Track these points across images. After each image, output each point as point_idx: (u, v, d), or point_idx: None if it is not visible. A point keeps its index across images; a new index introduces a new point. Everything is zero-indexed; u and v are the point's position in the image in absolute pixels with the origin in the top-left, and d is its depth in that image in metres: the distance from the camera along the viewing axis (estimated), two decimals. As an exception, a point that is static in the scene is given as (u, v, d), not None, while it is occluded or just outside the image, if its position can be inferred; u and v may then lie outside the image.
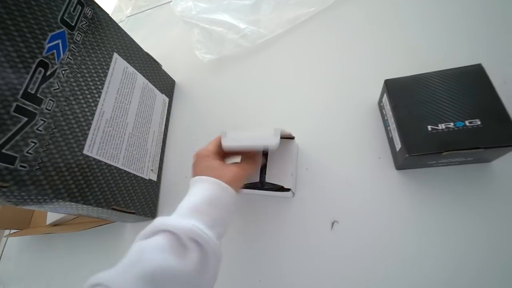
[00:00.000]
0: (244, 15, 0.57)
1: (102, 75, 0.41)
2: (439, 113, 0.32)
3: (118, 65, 0.44)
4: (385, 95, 0.37)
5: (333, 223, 0.37)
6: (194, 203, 0.29)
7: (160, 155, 0.52)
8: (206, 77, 0.58)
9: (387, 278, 0.32)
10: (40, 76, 0.32)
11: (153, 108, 0.51)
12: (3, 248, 0.59)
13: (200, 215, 0.28)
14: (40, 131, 0.31)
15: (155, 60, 0.55)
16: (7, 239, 0.59)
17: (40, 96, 0.32)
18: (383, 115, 0.40)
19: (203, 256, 0.26)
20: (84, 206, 0.36)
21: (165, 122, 0.55)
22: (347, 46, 0.49)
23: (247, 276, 0.38)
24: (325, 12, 0.54)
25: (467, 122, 0.30)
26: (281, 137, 0.40)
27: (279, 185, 0.38)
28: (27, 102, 0.30)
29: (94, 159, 0.37)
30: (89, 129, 0.37)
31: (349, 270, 0.34)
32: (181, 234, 0.26)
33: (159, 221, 0.27)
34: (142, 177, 0.46)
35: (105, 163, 0.39)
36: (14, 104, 0.29)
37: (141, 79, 0.49)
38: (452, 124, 0.31)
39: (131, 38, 0.49)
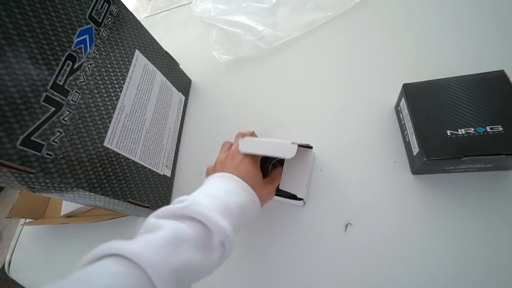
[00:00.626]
0: (262, 17, 0.58)
1: (124, 70, 0.42)
2: (458, 118, 0.32)
3: (139, 61, 0.45)
4: (403, 99, 0.37)
5: (346, 225, 0.37)
6: (231, 205, 0.29)
7: (175, 152, 0.53)
8: (222, 77, 0.59)
9: (400, 281, 0.32)
10: (68, 69, 0.33)
11: (170, 105, 0.52)
12: (18, 236, 0.60)
13: (233, 219, 0.29)
14: (66, 121, 0.32)
15: (173, 59, 0.56)
16: (22, 228, 0.61)
17: (67, 88, 0.33)
18: (400, 119, 0.40)
19: (223, 256, 0.28)
20: (102, 197, 0.37)
21: (181, 119, 0.56)
22: (364, 51, 0.49)
23: (258, 274, 0.38)
24: (343, 16, 0.54)
25: (488, 128, 0.30)
26: (300, 145, 0.40)
27: (292, 193, 0.38)
28: (55, 93, 0.31)
29: (113, 151, 0.38)
30: (110, 122, 0.38)
31: (362, 271, 0.34)
32: (216, 234, 0.26)
33: (199, 209, 0.26)
34: (157, 172, 0.47)
35: (123, 156, 0.40)
36: (44, 94, 0.30)
37: (160, 77, 0.50)
38: (472, 129, 0.31)
39: (152, 37, 0.50)
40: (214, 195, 0.29)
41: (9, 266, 0.58)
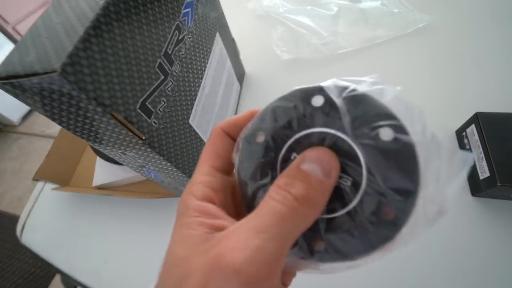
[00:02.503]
0: (325, 23, 0.59)
1: (208, 50, 0.41)
2: (531, 152, 0.35)
3: (218, 44, 0.45)
4: (473, 126, 0.40)
5: (407, 235, 0.39)
6: None
7: (227, 140, 0.52)
8: (280, 74, 0.59)
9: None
10: (175, 39, 0.32)
11: (231, 93, 0.52)
12: (36, 199, 0.57)
13: None
14: (169, 91, 0.31)
15: (237, 47, 0.56)
16: (40, 191, 0.57)
17: (173, 58, 0.32)
18: (462, 144, 0.43)
19: None
20: (179, 174, 0.36)
21: (235, 109, 0.55)
22: (424, 73, 0.52)
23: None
24: (405, 38, 0.57)
25: (559, 165, 0.33)
26: None
27: None
28: (165, 61, 0.30)
29: (194, 130, 0.38)
30: (195, 99, 0.38)
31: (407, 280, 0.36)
32: None
33: None
34: (215, 157, 0.46)
35: (199, 137, 0.39)
36: (158, 61, 0.29)
37: (229, 63, 0.50)
38: (545, 164, 0.34)
39: (226, 21, 0.50)
40: None
41: (22, 229, 0.54)
